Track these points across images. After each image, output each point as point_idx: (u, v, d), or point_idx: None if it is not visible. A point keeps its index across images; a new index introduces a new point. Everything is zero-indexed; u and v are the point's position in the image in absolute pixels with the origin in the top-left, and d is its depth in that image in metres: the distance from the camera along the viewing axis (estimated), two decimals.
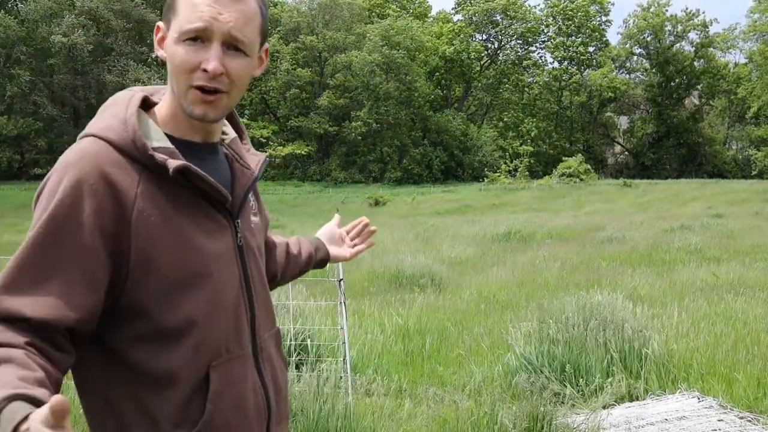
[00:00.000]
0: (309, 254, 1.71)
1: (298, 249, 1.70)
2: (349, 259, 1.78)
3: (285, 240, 1.71)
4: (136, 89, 1.27)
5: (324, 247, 1.76)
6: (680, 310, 6.55)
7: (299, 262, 1.70)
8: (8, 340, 1.01)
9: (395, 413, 4.07)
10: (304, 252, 1.70)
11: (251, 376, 1.26)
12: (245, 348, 1.26)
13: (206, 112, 1.18)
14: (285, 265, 1.66)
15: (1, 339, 1.01)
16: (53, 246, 1.08)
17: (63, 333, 1.08)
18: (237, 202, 1.28)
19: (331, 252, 1.76)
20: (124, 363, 1.15)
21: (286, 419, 1.39)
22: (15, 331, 1.02)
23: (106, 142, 1.15)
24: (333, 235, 1.79)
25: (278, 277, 1.66)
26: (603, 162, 58.59)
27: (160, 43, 1.22)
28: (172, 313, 1.15)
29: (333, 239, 1.79)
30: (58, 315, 1.06)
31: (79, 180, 1.09)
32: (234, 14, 1.15)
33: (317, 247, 1.74)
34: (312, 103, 51.63)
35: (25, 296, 1.05)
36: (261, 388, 1.28)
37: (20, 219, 25.89)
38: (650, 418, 3.97)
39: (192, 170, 1.16)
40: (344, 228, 1.81)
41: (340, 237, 1.79)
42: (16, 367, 0.97)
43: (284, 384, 1.39)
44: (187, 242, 1.17)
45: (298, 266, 1.70)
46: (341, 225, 1.83)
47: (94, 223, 1.09)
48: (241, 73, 1.19)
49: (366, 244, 1.80)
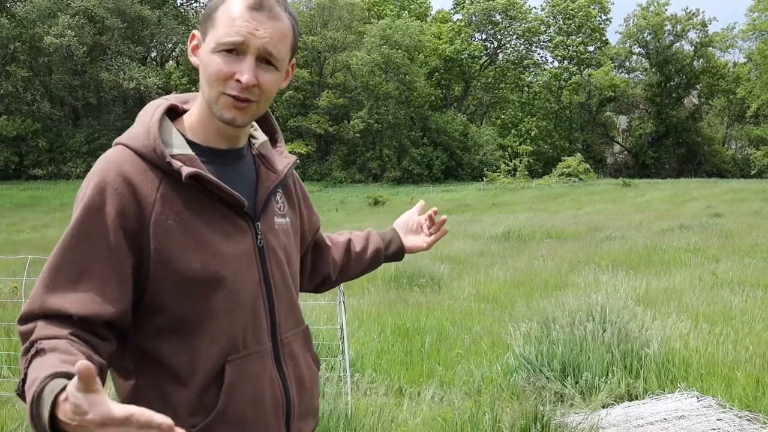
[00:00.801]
0: (376, 250, 1.71)
1: (362, 245, 1.71)
2: (425, 248, 1.76)
3: (347, 237, 1.72)
4: (168, 97, 1.36)
5: (398, 240, 1.75)
6: (679, 309, 6.55)
7: (363, 259, 1.71)
8: (53, 332, 1.11)
9: (394, 413, 4.07)
10: (371, 248, 1.71)
11: (269, 372, 1.32)
12: (264, 344, 1.31)
13: (236, 116, 1.25)
14: (343, 265, 1.68)
15: (46, 332, 1.12)
16: (85, 245, 1.17)
17: (102, 325, 1.17)
18: (259, 205, 1.34)
19: (406, 243, 1.75)
20: (148, 354, 1.25)
21: (312, 415, 1.43)
22: (58, 325, 1.13)
23: (131, 149, 1.24)
24: (410, 223, 1.78)
25: (333, 278, 1.68)
26: (602, 161, 58.62)
27: (194, 50, 1.31)
28: (188, 310, 1.23)
29: (410, 228, 1.77)
30: (97, 310, 1.15)
31: (104, 184, 1.20)
32: (269, 30, 1.23)
33: (390, 240, 1.74)
34: (311, 103, 51.64)
35: (65, 294, 1.15)
36: (280, 383, 1.33)
37: (19, 219, 25.90)
38: (649, 418, 3.97)
39: (204, 177, 1.23)
40: (424, 215, 1.78)
41: (419, 225, 1.77)
42: (59, 353, 1.07)
43: (311, 381, 1.43)
44: (203, 244, 1.23)
45: (362, 264, 1.71)
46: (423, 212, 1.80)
47: (119, 224, 1.18)
48: (271, 86, 1.27)
49: (440, 232, 1.77)
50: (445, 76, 58.94)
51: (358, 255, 1.69)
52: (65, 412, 0.92)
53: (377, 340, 5.80)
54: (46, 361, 1.05)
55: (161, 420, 0.90)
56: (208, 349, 1.24)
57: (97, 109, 48.73)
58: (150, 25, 49.13)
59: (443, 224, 1.77)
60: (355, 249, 1.69)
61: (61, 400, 0.94)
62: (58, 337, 1.10)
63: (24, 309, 1.17)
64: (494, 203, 27.92)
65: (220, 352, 1.25)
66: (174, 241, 1.21)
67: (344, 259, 1.68)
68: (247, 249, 1.30)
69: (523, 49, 60.37)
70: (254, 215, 1.33)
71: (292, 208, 1.48)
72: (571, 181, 40.94)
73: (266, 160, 1.39)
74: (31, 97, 45.30)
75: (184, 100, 1.37)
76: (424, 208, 1.80)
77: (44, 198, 34.52)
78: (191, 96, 1.38)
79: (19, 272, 8.22)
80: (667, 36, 57.84)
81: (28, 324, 1.15)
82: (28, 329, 1.15)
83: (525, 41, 59.76)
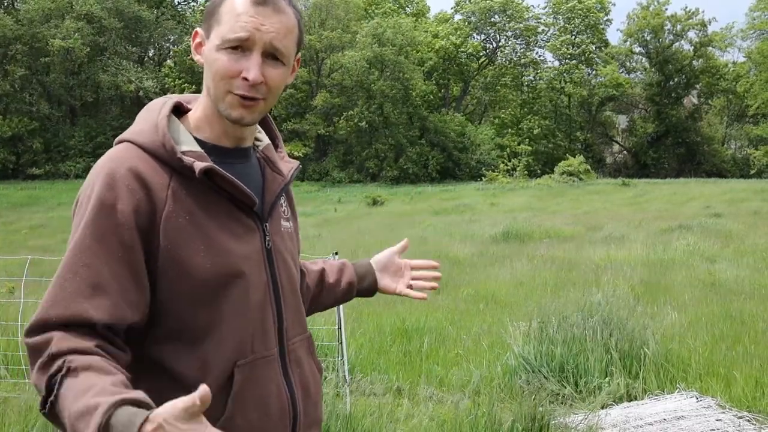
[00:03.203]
0: (349, 283, 1.62)
1: (336, 277, 1.62)
2: (395, 293, 1.63)
3: (320, 267, 1.63)
4: (171, 96, 1.32)
5: (372, 276, 1.64)
6: (679, 309, 6.55)
7: (335, 292, 1.62)
8: (78, 345, 1.04)
9: (393, 413, 4.06)
10: (344, 281, 1.62)
11: (276, 379, 1.28)
12: (271, 350, 1.27)
13: (243, 115, 1.22)
14: (315, 295, 1.60)
15: (70, 344, 1.04)
16: (100, 247, 1.11)
17: (121, 333, 1.12)
18: (267, 206, 1.31)
19: (380, 283, 1.64)
20: (149, 360, 1.18)
21: (316, 424, 1.39)
22: (82, 336, 1.06)
23: (138, 146, 1.20)
24: (390, 263, 1.66)
25: (305, 308, 1.60)
26: (602, 161, 58.61)
27: (198, 48, 1.27)
28: (197, 312, 1.18)
29: (388, 268, 1.65)
30: (119, 315, 1.10)
31: (115, 180, 1.14)
32: (275, 25, 1.20)
33: (363, 275, 1.64)
34: (308, 104, 51.61)
35: (86, 300, 1.08)
36: (287, 390, 1.29)
37: (16, 219, 25.86)
38: (648, 418, 3.97)
39: (218, 172, 1.19)
40: (411, 261, 1.66)
41: (398, 267, 1.66)
42: (100, 373, 1.00)
43: (315, 389, 1.39)
44: (214, 244, 1.20)
45: (334, 296, 1.63)
46: (403, 254, 1.68)
47: (133, 222, 1.13)
48: (278, 81, 1.24)
49: (419, 295, 1.64)
50: (443, 75, 58.92)
51: (330, 286, 1.61)
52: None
53: (376, 341, 5.80)
54: (89, 383, 0.98)
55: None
56: (217, 353, 1.19)
57: (94, 108, 48.72)
58: (148, 25, 49.14)
59: (434, 284, 1.66)
60: (328, 280, 1.61)
61: (148, 431, 0.89)
62: (86, 352, 1.03)
63: (35, 318, 1.08)
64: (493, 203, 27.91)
65: (229, 356, 1.20)
66: (185, 240, 1.17)
67: (317, 289, 1.60)
68: (257, 250, 1.27)
69: (522, 49, 60.37)
70: (262, 216, 1.30)
71: (293, 217, 1.46)
72: (570, 181, 40.93)
73: (271, 162, 1.36)
74: (30, 96, 45.27)
75: (187, 100, 1.34)
76: (407, 248, 1.68)
77: (42, 197, 34.46)
78: (193, 96, 1.35)
79: (15, 272, 8.20)
80: (667, 35, 57.87)
81: (41, 335, 1.06)
82: (41, 341, 1.06)
83: (523, 41, 59.76)
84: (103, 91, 47.18)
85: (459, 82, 60.97)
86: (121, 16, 46.82)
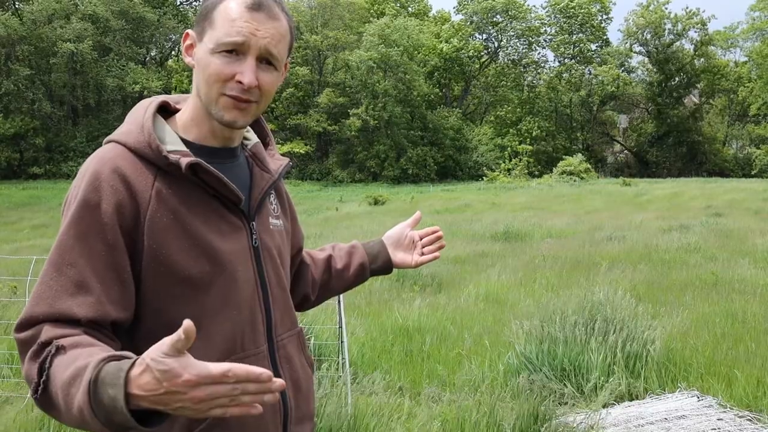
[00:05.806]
0: (361, 265, 1.64)
1: (345, 262, 1.63)
2: (412, 267, 1.66)
3: (327, 254, 1.64)
4: (158, 97, 1.33)
5: (385, 253, 1.66)
6: (680, 309, 6.55)
7: (346, 276, 1.63)
8: (65, 332, 1.08)
9: (395, 413, 4.06)
10: (355, 264, 1.63)
11: None
12: (260, 347, 1.29)
13: (236, 118, 1.24)
14: (323, 283, 1.62)
15: (57, 332, 1.08)
16: (83, 245, 1.14)
17: (109, 326, 1.15)
18: (253, 203, 1.32)
19: (395, 259, 1.66)
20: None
21: (309, 419, 1.41)
22: (67, 327, 1.10)
23: (124, 146, 1.21)
24: (402, 237, 1.67)
25: (312, 298, 1.62)
26: (602, 161, 58.59)
27: (188, 50, 1.28)
28: (184, 311, 1.17)
29: (400, 243, 1.67)
30: (103, 311, 1.12)
31: (99, 180, 1.16)
32: (270, 31, 1.22)
33: (376, 255, 1.65)
34: (311, 102, 51.62)
35: (70, 297, 1.11)
36: None
37: (18, 218, 25.90)
38: (650, 417, 3.97)
39: (203, 167, 1.20)
40: (419, 231, 1.68)
41: (411, 240, 1.67)
42: (86, 347, 1.04)
43: (306, 384, 1.41)
44: (199, 242, 1.21)
45: (346, 280, 1.64)
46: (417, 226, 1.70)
47: (116, 221, 1.15)
48: (271, 86, 1.25)
49: (432, 256, 1.67)
50: (444, 75, 58.91)
51: (339, 272, 1.62)
52: (145, 385, 0.92)
53: (377, 340, 5.80)
54: (78, 354, 1.01)
55: (260, 372, 0.91)
56: (205, 351, 1.18)
57: (96, 108, 48.76)
58: (150, 25, 49.19)
59: (440, 248, 1.69)
60: (336, 266, 1.63)
61: (135, 374, 0.92)
62: (73, 335, 1.07)
63: (23, 315, 1.12)
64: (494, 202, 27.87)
65: (218, 354, 1.21)
66: (169, 239, 1.18)
67: (324, 277, 1.62)
68: (243, 248, 1.28)
69: (524, 49, 60.35)
70: (249, 214, 1.31)
71: (284, 214, 1.46)
72: (571, 181, 40.91)
73: (259, 160, 1.37)
74: (33, 96, 45.32)
75: (176, 100, 1.35)
76: (420, 220, 1.70)
77: (43, 197, 34.51)
78: (182, 97, 1.36)
79: (19, 272, 8.22)
80: (668, 35, 57.83)
81: (29, 330, 1.10)
82: (30, 334, 1.10)
83: (525, 41, 59.73)
84: (106, 93, 47.25)
85: (460, 82, 60.96)
86: (125, 17, 46.90)
